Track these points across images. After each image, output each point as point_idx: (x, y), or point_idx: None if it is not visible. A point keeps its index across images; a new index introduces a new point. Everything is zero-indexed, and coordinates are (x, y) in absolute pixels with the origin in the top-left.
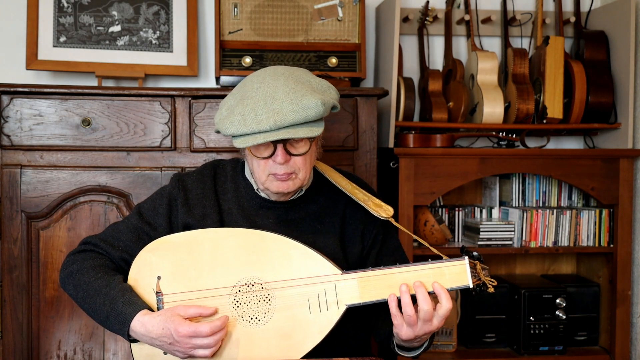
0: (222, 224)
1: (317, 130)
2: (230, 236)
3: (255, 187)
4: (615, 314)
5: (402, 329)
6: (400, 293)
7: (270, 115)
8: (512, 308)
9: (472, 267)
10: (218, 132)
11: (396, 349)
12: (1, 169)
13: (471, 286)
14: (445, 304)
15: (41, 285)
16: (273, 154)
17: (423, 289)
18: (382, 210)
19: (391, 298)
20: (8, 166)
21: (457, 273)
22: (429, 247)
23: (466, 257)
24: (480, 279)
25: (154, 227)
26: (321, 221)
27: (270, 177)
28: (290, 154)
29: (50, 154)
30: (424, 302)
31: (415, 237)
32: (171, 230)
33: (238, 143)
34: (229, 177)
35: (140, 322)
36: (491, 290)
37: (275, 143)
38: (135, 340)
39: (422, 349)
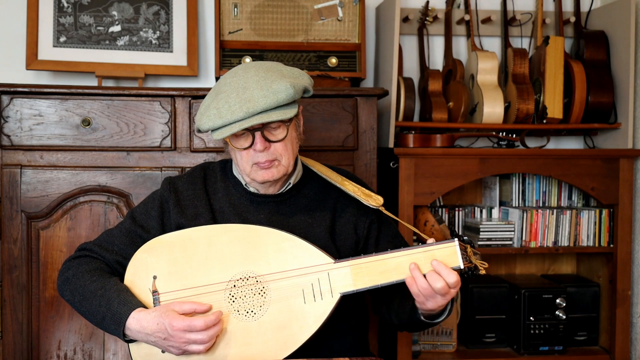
0: (214, 222)
1: (289, 113)
2: (223, 232)
3: (243, 183)
4: (615, 314)
5: (428, 303)
6: (415, 277)
7: (243, 104)
8: (512, 308)
9: (463, 250)
10: (199, 130)
11: (422, 317)
12: (1, 169)
13: (462, 267)
14: (449, 277)
15: (41, 285)
16: (252, 143)
17: (432, 272)
18: (372, 200)
19: (409, 282)
20: (8, 166)
21: (447, 255)
22: (420, 233)
23: (456, 239)
24: (472, 262)
25: (147, 230)
26: (311, 215)
27: (254, 167)
28: (269, 141)
29: (50, 154)
30: (436, 281)
31: (408, 225)
32: (164, 232)
33: (216, 135)
34: (219, 177)
35: (135, 319)
36: (483, 272)
37: (252, 132)
38: (131, 341)
39: (447, 312)
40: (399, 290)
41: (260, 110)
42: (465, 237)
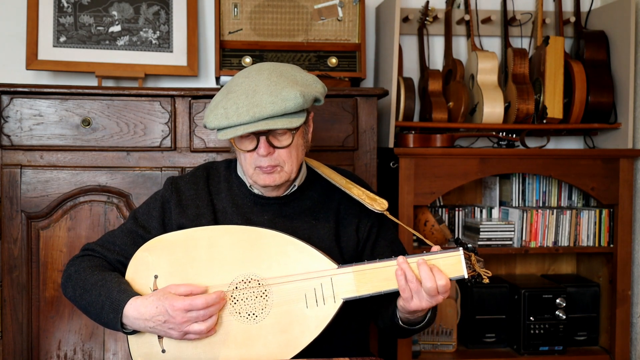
0: (216, 223)
1: (296, 122)
2: (226, 233)
3: (248, 184)
4: (615, 314)
5: (412, 302)
6: (404, 270)
7: (250, 108)
8: (512, 308)
9: (467, 259)
10: (205, 126)
11: (400, 322)
12: (1, 169)
13: (466, 276)
14: (439, 279)
15: (41, 285)
16: (257, 146)
17: (425, 267)
18: (376, 204)
19: (398, 274)
20: (8, 166)
21: (452, 264)
22: (424, 239)
23: (461, 249)
24: (475, 270)
25: (148, 230)
26: (316, 216)
27: (257, 170)
28: (274, 147)
29: (50, 154)
30: (428, 280)
31: (409, 229)
32: (165, 232)
33: (221, 135)
34: (222, 176)
35: (132, 306)
36: (486, 281)
37: (258, 136)
38: (130, 333)
39: (425, 321)
40: (386, 295)
41: (267, 116)
42: (469, 245)
